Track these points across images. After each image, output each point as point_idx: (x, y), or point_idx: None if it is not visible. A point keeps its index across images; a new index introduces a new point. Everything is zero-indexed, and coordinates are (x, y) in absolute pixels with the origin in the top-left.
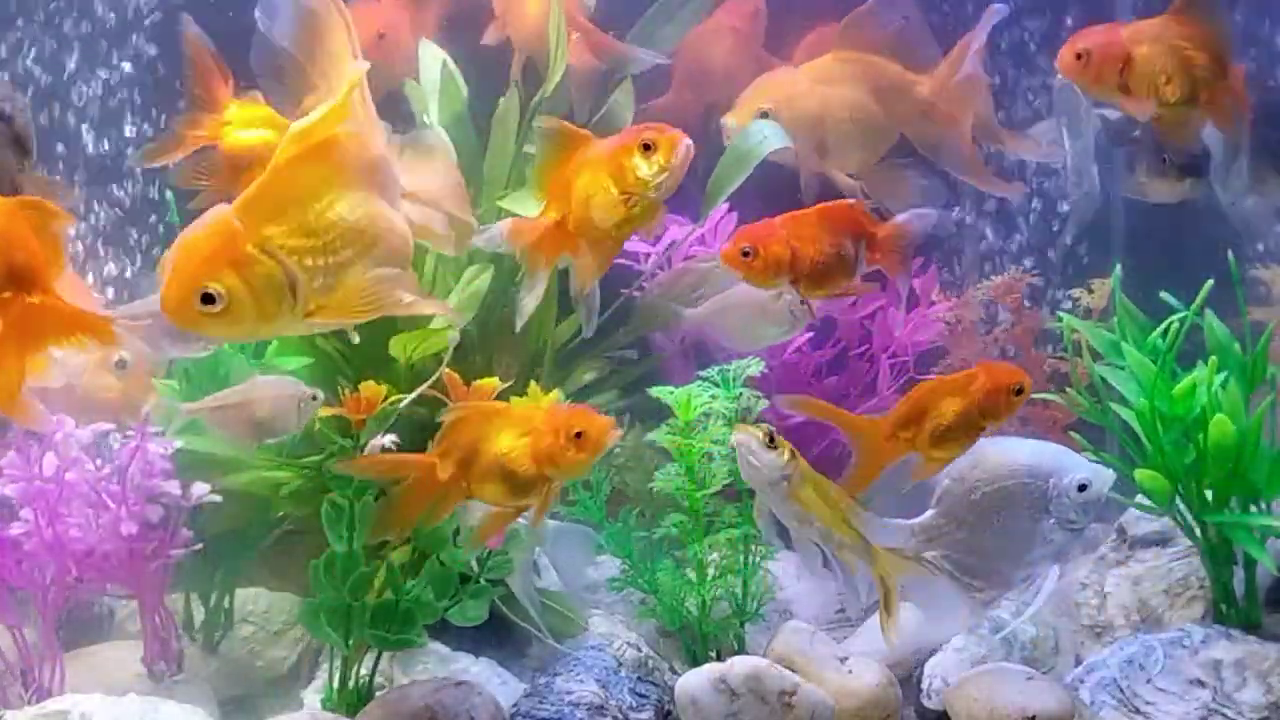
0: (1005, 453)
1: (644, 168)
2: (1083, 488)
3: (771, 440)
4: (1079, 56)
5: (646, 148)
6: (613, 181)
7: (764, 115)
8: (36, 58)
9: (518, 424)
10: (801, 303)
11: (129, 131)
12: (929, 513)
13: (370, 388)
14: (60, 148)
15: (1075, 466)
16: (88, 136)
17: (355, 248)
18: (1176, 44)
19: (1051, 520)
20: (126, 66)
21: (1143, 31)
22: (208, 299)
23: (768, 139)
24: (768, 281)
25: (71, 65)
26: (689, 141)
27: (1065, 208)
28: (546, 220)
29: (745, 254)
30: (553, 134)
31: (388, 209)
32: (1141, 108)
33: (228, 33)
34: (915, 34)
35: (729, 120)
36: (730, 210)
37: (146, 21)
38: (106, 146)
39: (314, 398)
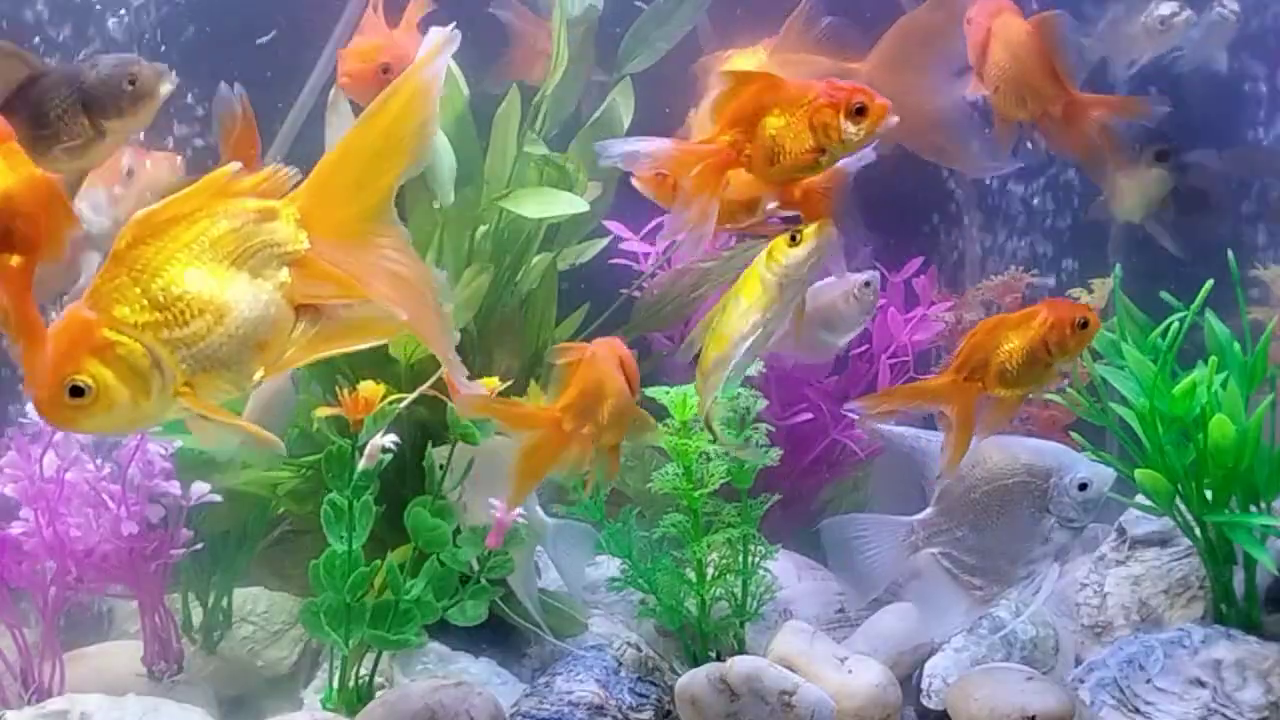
0: (1005, 451)
1: (849, 128)
2: (1083, 486)
3: (794, 239)
4: None
5: (859, 111)
6: (810, 132)
7: None
8: None
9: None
10: (865, 284)
11: None
12: (929, 510)
13: (369, 387)
14: None
15: (1075, 465)
16: None
17: (208, 318)
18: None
19: (1052, 519)
20: None
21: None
22: (76, 392)
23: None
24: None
25: None
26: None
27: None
28: (720, 144)
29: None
30: (738, 74)
31: (243, 278)
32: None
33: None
34: (845, 30)
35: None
36: None
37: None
38: None
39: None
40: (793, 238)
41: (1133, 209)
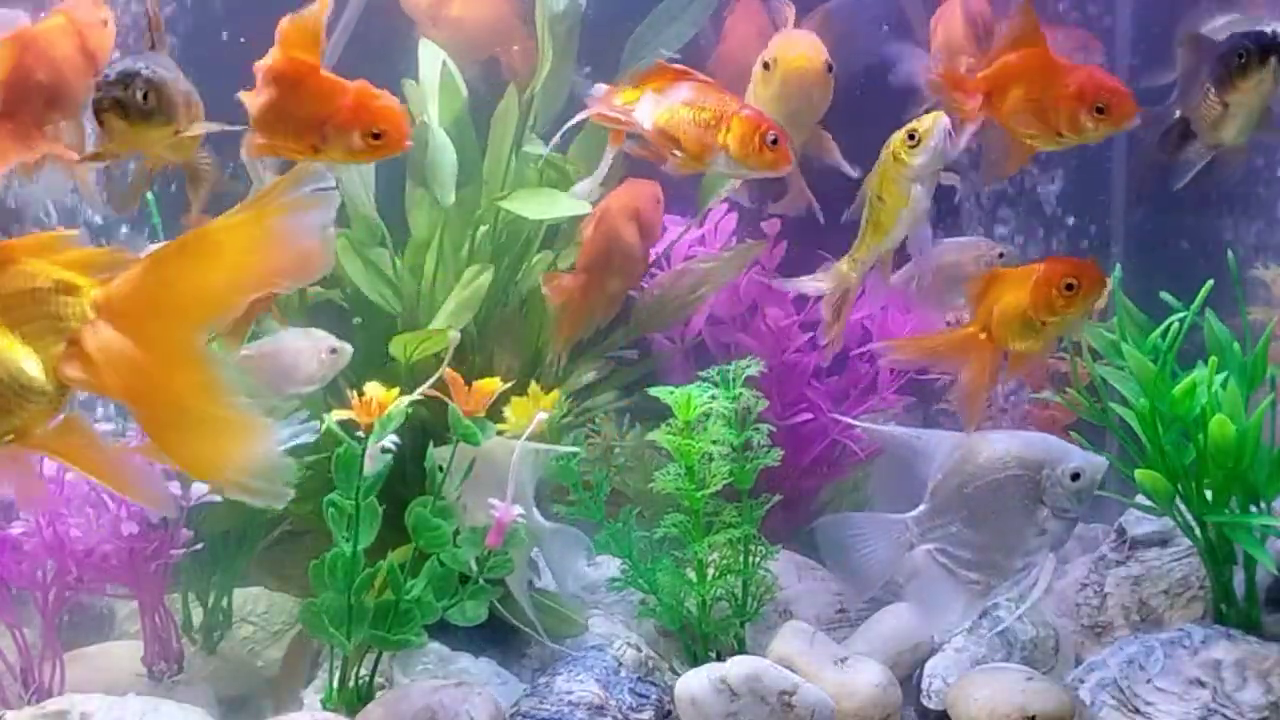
0: (996, 445)
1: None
2: (1075, 476)
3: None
4: None
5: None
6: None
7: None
8: None
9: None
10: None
11: None
12: (922, 507)
13: (379, 390)
14: None
15: (1067, 455)
16: None
17: None
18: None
19: (1045, 510)
20: None
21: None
22: None
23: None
24: None
25: None
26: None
27: None
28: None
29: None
30: None
31: (8, 338)
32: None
33: None
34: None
35: None
36: (729, 210)
37: None
38: None
39: (333, 350)
40: (910, 136)
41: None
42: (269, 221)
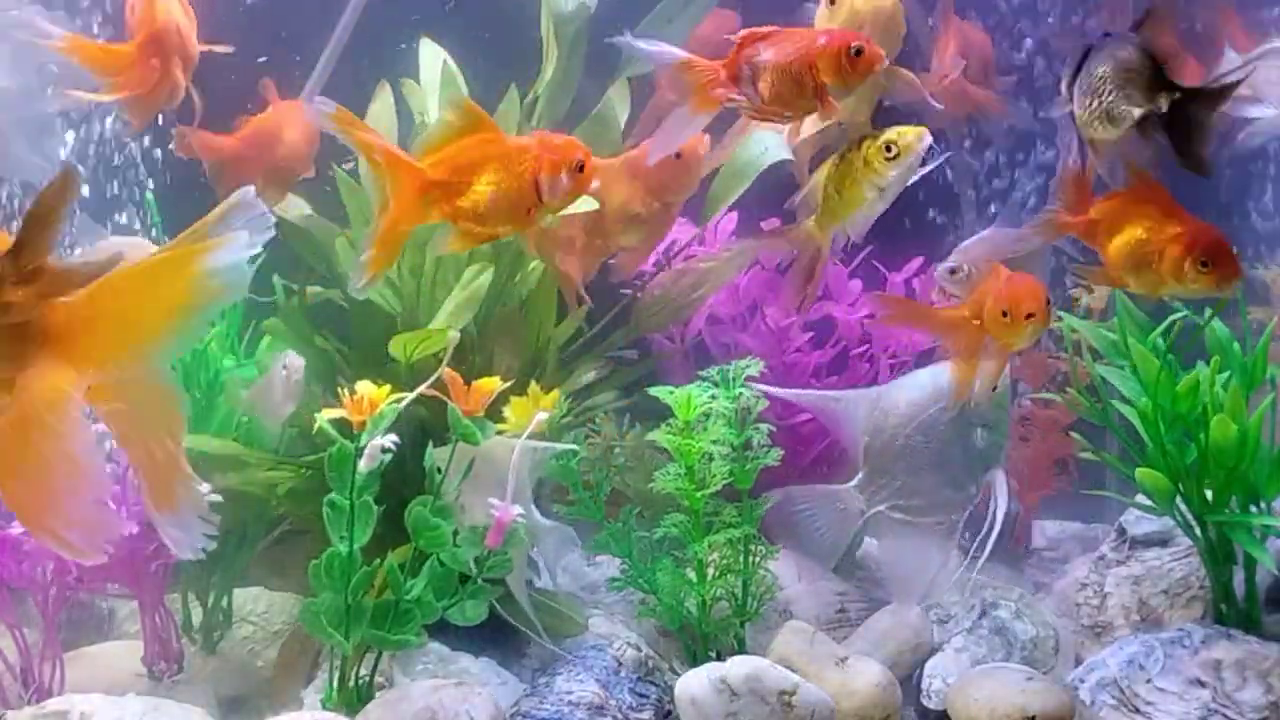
0: (911, 390)
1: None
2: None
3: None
4: None
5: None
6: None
7: None
8: None
9: None
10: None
11: None
12: (859, 474)
13: (371, 389)
14: None
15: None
16: None
17: None
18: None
19: (976, 429)
20: None
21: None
22: None
23: (770, 150)
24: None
25: None
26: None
27: None
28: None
29: None
30: None
31: None
32: None
33: None
34: None
35: None
36: (729, 210)
37: None
38: None
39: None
40: (888, 148)
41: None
42: (194, 264)
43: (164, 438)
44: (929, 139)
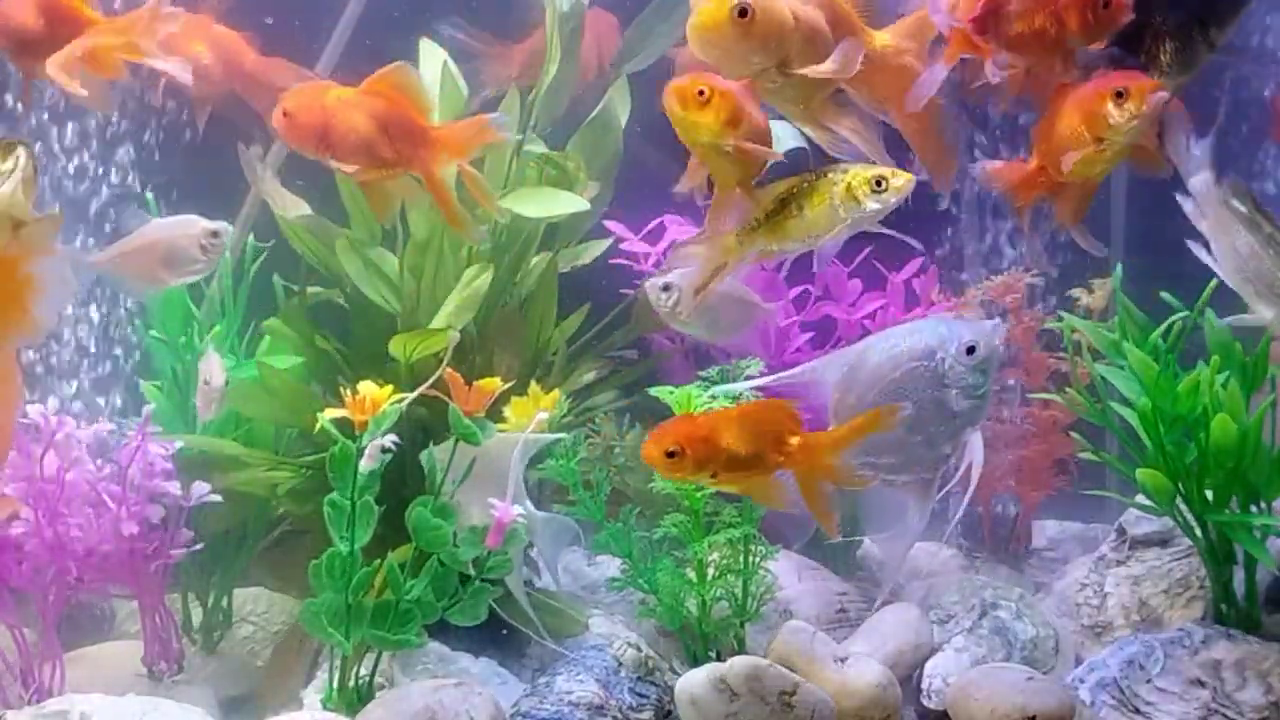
0: (884, 347)
1: (1115, 113)
2: (971, 350)
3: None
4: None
5: (1119, 95)
6: (1086, 127)
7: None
8: None
9: None
10: None
11: None
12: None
13: (373, 389)
14: None
15: (956, 334)
16: None
17: None
18: None
19: (953, 391)
20: None
21: None
22: None
23: (779, 140)
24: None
25: None
26: (1162, 91)
27: None
28: (1028, 165)
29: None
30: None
31: None
32: None
33: None
34: None
35: None
36: None
37: None
38: None
39: (215, 234)
40: (878, 182)
41: None
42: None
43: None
44: (913, 185)
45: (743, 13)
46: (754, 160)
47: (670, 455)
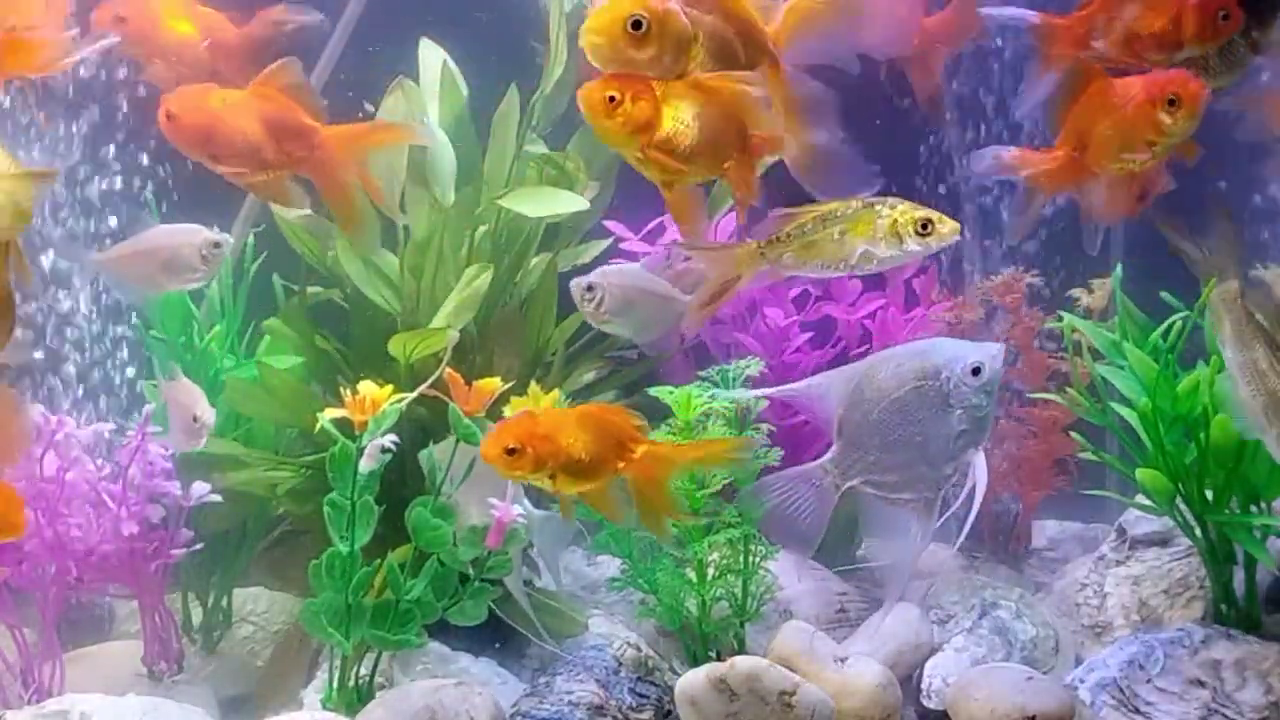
0: (890, 365)
1: (1167, 120)
2: (976, 371)
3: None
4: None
5: (1172, 103)
6: (1137, 130)
7: None
8: None
9: None
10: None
11: None
12: (833, 448)
13: (373, 388)
14: None
15: (962, 354)
16: None
17: None
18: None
19: (957, 412)
20: None
21: None
22: None
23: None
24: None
25: None
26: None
27: None
28: (1058, 154)
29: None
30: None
31: None
32: None
33: None
34: None
35: None
36: (729, 210)
37: None
38: None
39: (216, 245)
40: (924, 225)
41: None
42: None
43: None
44: (957, 237)
45: (637, 25)
46: (755, 158)
47: (510, 452)
